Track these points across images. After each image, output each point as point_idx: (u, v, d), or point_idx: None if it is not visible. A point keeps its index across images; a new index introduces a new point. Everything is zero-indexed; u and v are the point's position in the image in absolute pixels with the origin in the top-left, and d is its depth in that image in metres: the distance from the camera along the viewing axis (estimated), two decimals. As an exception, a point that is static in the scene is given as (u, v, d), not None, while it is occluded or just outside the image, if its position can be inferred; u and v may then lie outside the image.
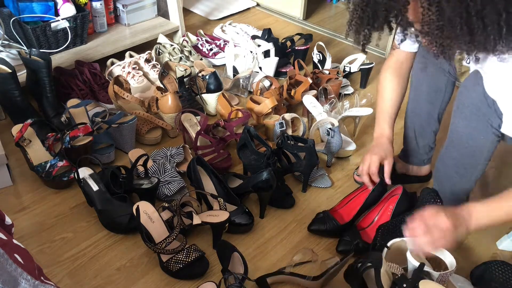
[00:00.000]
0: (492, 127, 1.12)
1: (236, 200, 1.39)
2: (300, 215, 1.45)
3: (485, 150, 1.18)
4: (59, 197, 1.45)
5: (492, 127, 1.12)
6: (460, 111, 1.18)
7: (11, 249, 0.73)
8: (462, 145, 1.20)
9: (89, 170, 1.42)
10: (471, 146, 1.19)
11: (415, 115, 1.44)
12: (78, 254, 1.29)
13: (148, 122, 1.68)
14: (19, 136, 1.47)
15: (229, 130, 1.65)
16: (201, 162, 1.45)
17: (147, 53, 2.06)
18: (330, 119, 1.62)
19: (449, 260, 1.09)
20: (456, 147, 1.23)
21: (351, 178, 1.61)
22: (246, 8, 2.78)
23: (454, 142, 1.23)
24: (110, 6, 2.15)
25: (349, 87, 2.00)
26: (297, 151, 1.54)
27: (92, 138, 1.51)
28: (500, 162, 1.72)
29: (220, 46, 2.25)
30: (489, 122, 1.12)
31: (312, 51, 2.18)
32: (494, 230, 1.44)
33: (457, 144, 1.22)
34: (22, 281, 0.71)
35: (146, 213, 1.28)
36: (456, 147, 1.23)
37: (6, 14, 1.86)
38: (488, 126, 1.12)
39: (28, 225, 1.35)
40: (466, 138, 1.18)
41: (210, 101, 1.83)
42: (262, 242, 1.36)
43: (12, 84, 1.60)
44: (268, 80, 1.94)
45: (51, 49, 1.90)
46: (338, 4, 2.96)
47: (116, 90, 1.72)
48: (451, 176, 1.28)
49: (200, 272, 1.24)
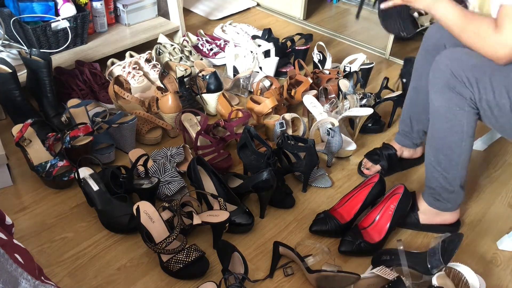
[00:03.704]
0: (464, 97, 1.16)
1: (236, 200, 1.39)
2: (300, 215, 1.45)
3: (464, 123, 1.20)
4: (59, 197, 1.45)
5: (464, 98, 1.16)
6: (433, 86, 1.22)
7: (11, 249, 0.73)
8: (442, 119, 1.23)
9: (90, 170, 1.42)
10: (450, 120, 1.21)
11: (413, 103, 1.50)
12: (78, 254, 1.29)
13: (148, 122, 1.68)
14: (20, 136, 1.47)
15: (229, 130, 1.65)
16: (201, 162, 1.45)
17: (147, 53, 2.06)
18: (330, 119, 1.62)
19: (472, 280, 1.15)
20: (437, 124, 1.24)
21: (351, 178, 1.61)
22: (246, 8, 2.78)
23: (435, 119, 1.25)
24: (110, 6, 2.15)
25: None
26: (297, 151, 1.54)
27: (92, 138, 1.51)
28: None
29: (220, 46, 2.25)
30: (460, 93, 1.16)
31: (312, 51, 2.18)
32: (494, 230, 1.45)
33: (438, 120, 1.24)
34: (22, 281, 0.71)
35: (146, 213, 1.28)
36: (437, 124, 1.25)
37: (7, 14, 1.85)
38: (461, 98, 1.16)
39: (28, 225, 1.35)
40: (444, 111, 1.21)
41: (211, 101, 1.83)
42: (262, 242, 1.36)
43: (12, 84, 1.61)
44: (268, 80, 1.94)
45: (51, 49, 1.90)
46: (338, 4, 2.96)
47: (117, 90, 1.72)
48: (440, 160, 1.28)
49: (200, 272, 1.24)
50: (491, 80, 1.11)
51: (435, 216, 1.39)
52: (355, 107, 1.72)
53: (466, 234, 1.42)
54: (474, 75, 1.13)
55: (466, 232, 1.43)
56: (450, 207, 1.36)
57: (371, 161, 1.61)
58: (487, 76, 1.11)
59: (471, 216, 1.49)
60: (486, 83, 1.12)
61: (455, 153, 1.25)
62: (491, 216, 1.50)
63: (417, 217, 1.39)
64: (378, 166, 1.60)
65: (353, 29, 2.64)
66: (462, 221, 1.46)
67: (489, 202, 1.55)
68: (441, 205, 1.35)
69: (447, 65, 1.17)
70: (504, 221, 1.49)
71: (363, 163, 1.63)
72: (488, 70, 1.11)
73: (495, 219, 1.49)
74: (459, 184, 1.30)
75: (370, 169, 1.61)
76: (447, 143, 1.24)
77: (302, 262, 1.23)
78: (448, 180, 1.29)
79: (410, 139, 1.58)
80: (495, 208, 1.53)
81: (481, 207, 1.53)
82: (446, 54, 1.19)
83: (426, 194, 1.37)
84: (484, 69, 1.12)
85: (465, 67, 1.14)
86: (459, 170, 1.28)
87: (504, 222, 1.48)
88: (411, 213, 1.40)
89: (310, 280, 1.23)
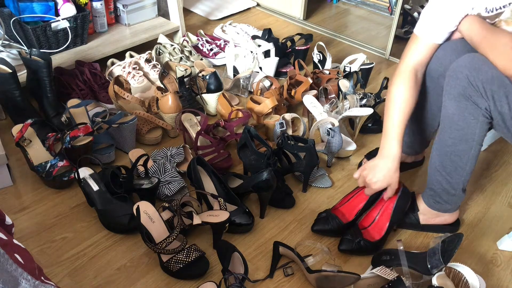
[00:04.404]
0: (479, 107, 1.15)
1: (237, 200, 1.38)
2: (300, 215, 1.45)
3: (476, 132, 1.19)
4: (59, 197, 1.45)
5: (479, 108, 1.15)
6: (448, 93, 1.20)
7: (11, 249, 0.73)
8: (453, 127, 1.21)
9: (90, 170, 1.42)
10: (462, 129, 1.19)
11: (418, 119, 1.46)
12: (78, 254, 1.29)
13: (148, 122, 1.68)
14: (20, 136, 1.47)
15: (229, 130, 1.65)
16: (202, 162, 1.45)
17: (147, 53, 2.06)
18: (330, 119, 1.62)
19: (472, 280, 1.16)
20: (448, 131, 1.23)
21: (351, 178, 1.61)
22: (246, 8, 2.78)
23: (446, 126, 1.24)
24: (110, 6, 2.15)
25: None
26: (297, 151, 1.54)
27: (92, 138, 1.51)
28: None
29: (220, 46, 2.25)
30: (475, 103, 1.15)
31: (312, 51, 2.18)
32: (494, 230, 1.45)
33: (449, 128, 1.22)
34: (22, 281, 0.71)
35: (146, 213, 1.28)
36: (448, 131, 1.23)
37: (7, 14, 1.86)
38: (476, 107, 1.15)
39: (28, 225, 1.35)
40: (457, 118, 1.19)
41: (211, 101, 1.83)
42: (262, 242, 1.36)
43: (12, 84, 1.61)
44: (268, 80, 1.94)
45: (51, 49, 1.90)
46: (338, 4, 2.96)
47: (117, 90, 1.72)
48: (446, 165, 1.27)
49: (200, 272, 1.24)
50: (507, 94, 1.10)
51: (435, 217, 1.39)
52: (355, 107, 1.72)
53: (466, 234, 1.42)
54: (492, 87, 1.11)
55: (466, 232, 1.43)
56: (450, 209, 1.36)
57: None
58: (504, 89, 1.10)
59: (471, 216, 1.49)
60: (502, 96, 1.11)
61: (463, 160, 1.24)
62: (491, 216, 1.50)
63: (417, 218, 1.39)
64: None
65: (353, 29, 2.64)
66: (462, 221, 1.46)
67: (489, 202, 1.55)
68: (441, 207, 1.35)
69: (465, 74, 1.14)
70: (504, 221, 1.49)
71: (363, 162, 1.63)
72: (505, 83, 1.10)
73: (495, 219, 1.49)
74: (461, 188, 1.30)
75: None
76: (455, 151, 1.24)
77: (302, 262, 1.23)
78: (452, 184, 1.29)
79: (413, 148, 1.58)
80: (495, 208, 1.53)
81: (481, 207, 1.53)
82: (465, 62, 1.16)
83: (426, 196, 1.37)
84: (501, 82, 1.11)
85: (483, 78, 1.12)
86: (464, 175, 1.27)
87: (504, 222, 1.48)
88: (411, 213, 1.40)
89: (310, 280, 1.23)
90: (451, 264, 1.20)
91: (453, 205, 1.36)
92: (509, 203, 1.56)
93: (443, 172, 1.28)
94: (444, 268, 1.19)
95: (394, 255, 1.23)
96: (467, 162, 1.24)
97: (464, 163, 1.24)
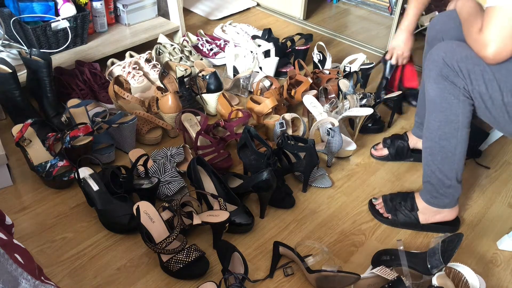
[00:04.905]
0: (457, 86, 1.18)
1: (236, 200, 1.39)
2: (300, 215, 1.45)
3: (459, 113, 1.21)
4: (59, 197, 1.46)
5: (458, 87, 1.18)
6: (427, 76, 1.24)
7: (11, 249, 0.73)
8: (437, 109, 1.24)
9: (90, 170, 1.42)
10: (445, 109, 1.22)
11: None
12: (78, 254, 1.29)
13: (148, 122, 1.68)
14: (20, 136, 1.47)
15: (229, 130, 1.65)
16: (202, 162, 1.45)
17: (147, 53, 2.06)
18: (330, 119, 1.62)
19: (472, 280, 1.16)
20: (433, 114, 1.25)
21: (351, 178, 1.61)
22: (246, 8, 2.78)
23: (430, 110, 1.27)
24: (110, 6, 2.15)
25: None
26: (297, 151, 1.54)
27: (92, 138, 1.51)
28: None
29: (220, 46, 2.25)
30: (453, 82, 1.18)
31: (312, 51, 2.18)
32: (494, 230, 1.45)
33: (433, 111, 1.25)
34: (22, 281, 0.71)
35: (146, 213, 1.28)
36: (432, 114, 1.26)
37: (7, 14, 1.86)
38: (454, 87, 1.18)
39: (28, 225, 1.35)
40: (439, 100, 1.22)
41: (211, 101, 1.83)
42: (262, 242, 1.36)
43: (12, 84, 1.61)
44: (268, 80, 1.94)
45: (51, 49, 1.90)
46: (338, 4, 2.96)
47: (117, 90, 1.72)
48: (436, 152, 1.29)
49: (200, 272, 1.24)
50: (482, 72, 1.13)
51: (434, 215, 1.39)
52: (355, 107, 1.72)
53: (466, 234, 1.42)
54: (466, 66, 1.15)
55: (466, 232, 1.43)
56: (448, 203, 1.36)
57: (383, 144, 1.69)
58: (479, 68, 1.13)
59: (471, 216, 1.49)
60: (478, 75, 1.14)
61: (451, 143, 1.26)
62: (491, 216, 1.50)
63: (416, 217, 1.40)
64: (386, 151, 1.68)
65: (353, 29, 2.64)
66: (462, 220, 1.46)
67: (489, 202, 1.55)
68: (439, 201, 1.36)
69: (440, 56, 1.19)
70: (504, 221, 1.49)
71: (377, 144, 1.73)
72: (480, 62, 1.13)
73: (495, 219, 1.49)
74: (455, 178, 1.31)
75: (378, 151, 1.70)
76: (442, 134, 1.25)
77: (302, 262, 1.23)
78: (444, 172, 1.30)
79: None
80: (495, 208, 1.53)
81: (481, 207, 1.53)
82: (440, 46, 1.22)
83: (424, 192, 1.38)
84: (476, 61, 1.14)
85: (457, 57, 1.16)
86: (455, 162, 1.28)
87: (504, 222, 1.48)
88: (411, 213, 1.40)
89: (310, 280, 1.23)
90: (451, 264, 1.20)
91: (451, 199, 1.36)
92: (509, 203, 1.56)
93: (434, 160, 1.30)
94: (444, 268, 1.19)
95: (394, 255, 1.23)
96: (456, 146, 1.26)
97: (453, 146, 1.26)
